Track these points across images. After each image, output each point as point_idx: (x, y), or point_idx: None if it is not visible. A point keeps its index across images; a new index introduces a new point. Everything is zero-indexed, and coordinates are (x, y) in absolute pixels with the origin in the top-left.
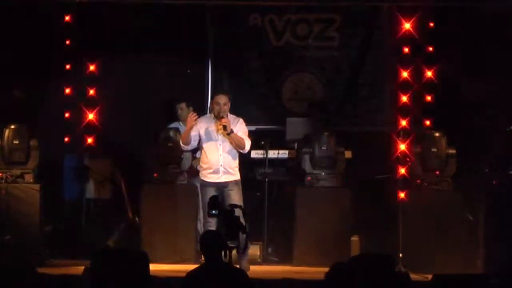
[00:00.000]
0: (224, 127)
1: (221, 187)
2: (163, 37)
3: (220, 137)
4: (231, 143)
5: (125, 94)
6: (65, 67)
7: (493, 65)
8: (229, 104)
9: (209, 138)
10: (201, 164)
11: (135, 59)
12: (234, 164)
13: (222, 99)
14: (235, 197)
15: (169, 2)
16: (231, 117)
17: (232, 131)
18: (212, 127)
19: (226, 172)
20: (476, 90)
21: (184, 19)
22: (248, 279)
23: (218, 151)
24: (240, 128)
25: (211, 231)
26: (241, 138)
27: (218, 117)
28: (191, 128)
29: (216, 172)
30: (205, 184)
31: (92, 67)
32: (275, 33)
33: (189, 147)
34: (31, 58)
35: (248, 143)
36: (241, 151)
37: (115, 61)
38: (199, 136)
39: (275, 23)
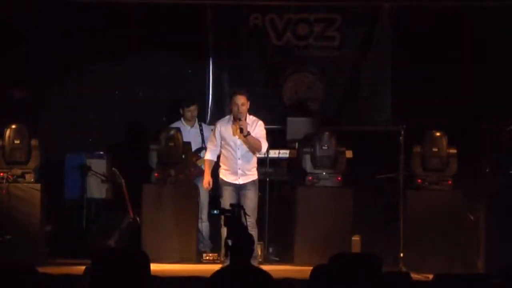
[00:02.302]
0: (241, 130)
1: (239, 188)
2: (164, 37)
3: (238, 141)
4: (247, 145)
5: (126, 94)
6: (65, 67)
7: (494, 65)
8: (248, 104)
9: (228, 141)
10: (220, 163)
11: (135, 59)
12: (251, 166)
13: (240, 100)
14: (251, 196)
15: (169, 2)
16: (250, 118)
17: (249, 133)
18: (230, 130)
19: (244, 174)
20: (478, 89)
21: (184, 19)
22: (273, 281)
23: (236, 155)
24: (258, 131)
25: (243, 232)
26: (258, 141)
27: (236, 118)
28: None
29: (234, 174)
30: (224, 183)
31: (92, 67)
32: (276, 33)
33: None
34: (31, 58)
35: (264, 146)
36: (258, 153)
37: (116, 60)
38: (221, 138)
39: (276, 22)
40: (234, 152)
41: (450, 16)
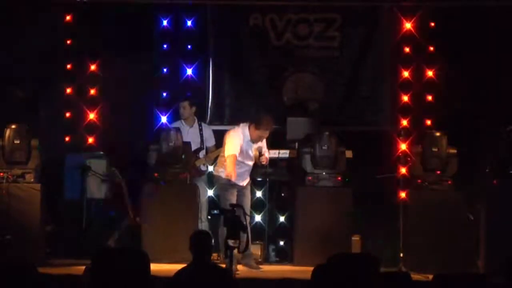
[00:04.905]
0: (260, 153)
1: (240, 189)
2: (164, 36)
3: (251, 155)
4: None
5: (126, 93)
6: (65, 67)
7: (494, 65)
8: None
9: (245, 156)
10: (227, 171)
11: (135, 59)
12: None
13: (266, 134)
14: (249, 194)
15: (169, 2)
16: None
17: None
18: (252, 150)
19: (246, 179)
20: (477, 89)
21: (184, 18)
22: (234, 279)
23: (250, 165)
24: (264, 143)
25: (202, 231)
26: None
27: (259, 150)
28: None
29: (243, 180)
30: (231, 184)
31: (93, 67)
32: (276, 33)
33: None
34: (32, 58)
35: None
36: None
37: (116, 61)
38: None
39: (276, 23)
40: (246, 165)
41: (450, 16)
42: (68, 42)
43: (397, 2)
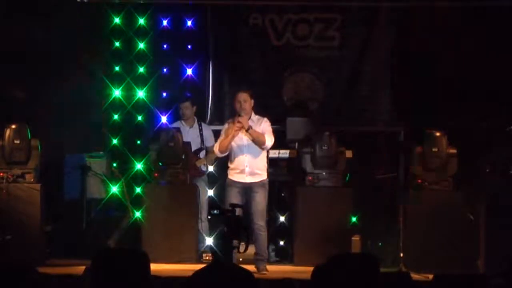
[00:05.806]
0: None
1: (247, 187)
2: (163, 36)
3: (245, 138)
4: (251, 139)
5: (125, 94)
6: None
7: (494, 65)
8: (251, 102)
9: (235, 139)
10: (228, 164)
11: (135, 59)
12: (260, 165)
13: (242, 97)
14: (260, 199)
15: (169, 2)
16: (255, 117)
17: (250, 127)
18: (233, 126)
19: (252, 173)
20: (477, 89)
21: (184, 18)
22: (254, 280)
23: (243, 152)
24: (264, 127)
25: (223, 232)
26: (261, 134)
27: (239, 115)
28: (233, 137)
29: (242, 172)
30: (231, 183)
31: (92, 67)
32: (276, 33)
33: (223, 154)
34: (32, 58)
35: (269, 139)
36: (263, 147)
37: (115, 60)
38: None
39: (276, 23)
40: (242, 149)
41: (450, 16)
42: (67, 42)
43: (397, 2)
